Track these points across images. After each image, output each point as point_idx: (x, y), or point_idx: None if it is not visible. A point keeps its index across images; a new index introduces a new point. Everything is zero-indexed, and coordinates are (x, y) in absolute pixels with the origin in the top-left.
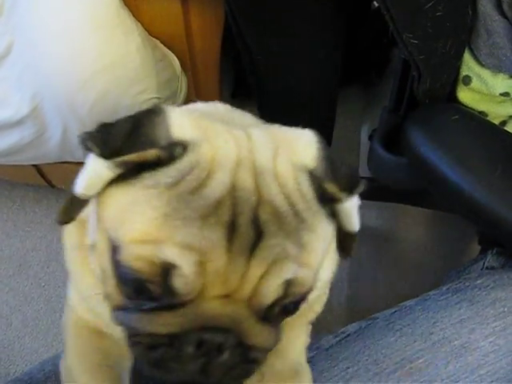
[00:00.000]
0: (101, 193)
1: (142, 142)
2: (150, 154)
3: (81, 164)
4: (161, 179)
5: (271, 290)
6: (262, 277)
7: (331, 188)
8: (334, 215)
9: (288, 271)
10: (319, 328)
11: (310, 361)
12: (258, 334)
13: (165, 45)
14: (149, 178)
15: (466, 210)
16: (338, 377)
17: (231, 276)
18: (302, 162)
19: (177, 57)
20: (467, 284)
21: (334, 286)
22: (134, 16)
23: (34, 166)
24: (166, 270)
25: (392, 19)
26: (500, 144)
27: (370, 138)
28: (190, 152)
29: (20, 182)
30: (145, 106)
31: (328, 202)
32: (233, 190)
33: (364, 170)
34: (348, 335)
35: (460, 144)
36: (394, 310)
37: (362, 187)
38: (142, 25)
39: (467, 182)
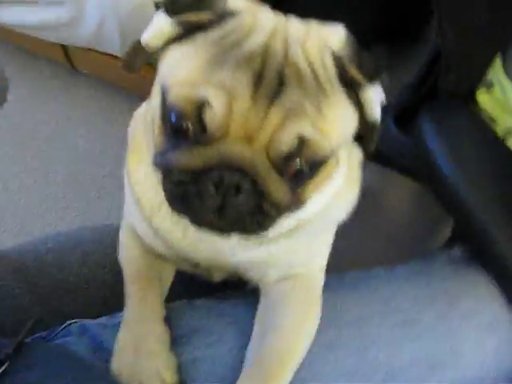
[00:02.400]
0: (162, 53)
1: (203, 9)
2: (204, 15)
3: (108, 55)
4: (208, 37)
5: (285, 140)
6: (279, 126)
7: (353, 71)
8: (356, 104)
9: (303, 127)
10: None
11: None
12: (272, 184)
13: None
14: (200, 37)
15: (445, 199)
16: None
17: (253, 119)
18: (330, 43)
19: None
20: (430, 268)
21: None
22: None
23: (62, 46)
24: (201, 106)
25: (440, 12)
26: (496, 154)
27: (383, 109)
28: (236, 18)
29: (43, 56)
30: None
31: (349, 86)
32: (265, 48)
33: None
34: None
35: (463, 144)
36: (362, 274)
37: (385, 78)
38: None
39: (457, 179)
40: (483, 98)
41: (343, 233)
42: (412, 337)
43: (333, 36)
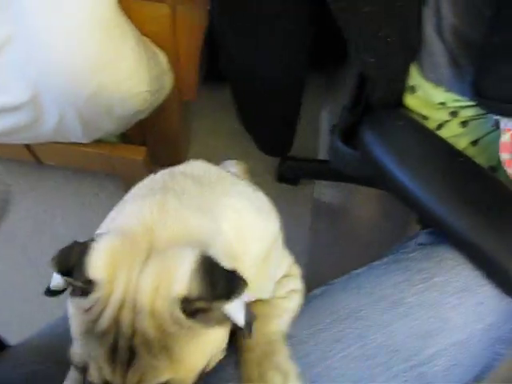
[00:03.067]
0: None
1: (79, 270)
2: (76, 284)
3: (70, 143)
4: (82, 304)
5: None
6: (139, 382)
7: (202, 305)
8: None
9: (157, 378)
10: None
11: None
12: None
13: (153, 43)
14: (79, 301)
15: (401, 196)
16: (305, 324)
17: (117, 379)
18: (176, 294)
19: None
20: (402, 256)
21: (296, 256)
22: (126, 16)
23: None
24: (85, 368)
25: (353, 42)
26: (433, 147)
27: (331, 131)
28: (95, 291)
29: (7, 157)
30: (137, 99)
31: (206, 312)
32: (116, 324)
33: (323, 154)
34: (315, 296)
35: (403, 146)
36: (346, 277)
37: (238, 294)
38: (134, 24)
39: (406, 177)
40: (411, 101)
41: (325, 250)
42: (400, 316)
43: (180, 279)
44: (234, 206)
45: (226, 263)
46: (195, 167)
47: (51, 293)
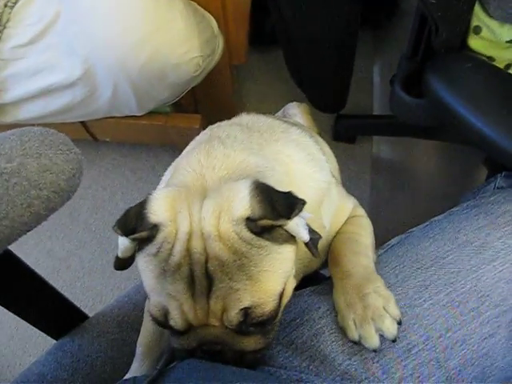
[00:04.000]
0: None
1: (140, 224)
2: (141, 234)
3: (124, 118)
4: (150, 250)
5: (231, 317)
6: (221, 310)
7: (266, 223)
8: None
9: (240, 301)
10: None
11: None
12: (242, 342)
13: (202, 6)
14: (147, 249)
15: (478, 142)
16: (389, 273)
17: (200, 312)
18: (239, 215)
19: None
20: (482, 201)
21: None
22: None
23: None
24: (166, 313)
25: None
26: (505, 87)
27: (391, 82)
28: (161, 231)
29: None
30: (190, 65)
31: (272, 231)
32: (188, 255)
33: (378, 108)
34: (392, 245)
35: (473, 88)
36: (426, 224)
37: (298, 211)
38: None
39: (479, 120)
40: (475, 43)
41: (386, 206)
42: (488, 260)
43: (240, 205)
44: (284, 151)
45: None
46: (244, 118)
47: (120, 263)
